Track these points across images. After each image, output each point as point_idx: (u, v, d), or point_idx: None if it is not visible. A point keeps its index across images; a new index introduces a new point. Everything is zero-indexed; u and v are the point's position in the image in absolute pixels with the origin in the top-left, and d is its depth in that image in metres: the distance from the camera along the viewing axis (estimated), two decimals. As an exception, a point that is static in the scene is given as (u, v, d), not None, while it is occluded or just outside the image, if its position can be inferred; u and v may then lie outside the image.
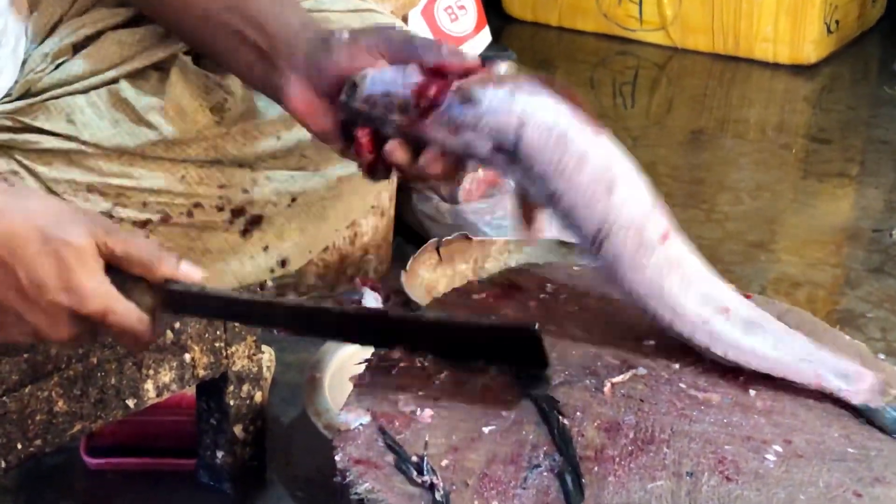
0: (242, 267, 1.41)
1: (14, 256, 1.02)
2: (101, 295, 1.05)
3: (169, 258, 1.08)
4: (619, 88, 3.48)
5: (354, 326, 1.13)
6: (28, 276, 1.02)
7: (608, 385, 1.13)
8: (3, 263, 1.02)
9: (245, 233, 1.40)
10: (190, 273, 1.09)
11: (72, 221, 1.05)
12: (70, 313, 1.04)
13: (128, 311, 1.06)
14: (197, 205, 1.36)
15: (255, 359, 1.67)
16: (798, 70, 3.51)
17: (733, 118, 3.29)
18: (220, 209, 1.37)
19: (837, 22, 3.59)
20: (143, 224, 1.34)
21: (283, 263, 1.42)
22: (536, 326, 1.07)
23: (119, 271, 1.07)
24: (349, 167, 1.38)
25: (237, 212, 1.38)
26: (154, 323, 1.08)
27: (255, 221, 1.40)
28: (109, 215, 1.32)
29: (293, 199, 1.39)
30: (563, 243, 1.67)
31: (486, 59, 1.09)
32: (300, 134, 1.35)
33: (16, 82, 1.33)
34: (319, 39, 1.16)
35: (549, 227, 1.15)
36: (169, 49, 1.36)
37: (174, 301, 1.09)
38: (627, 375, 1.14)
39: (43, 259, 1.02)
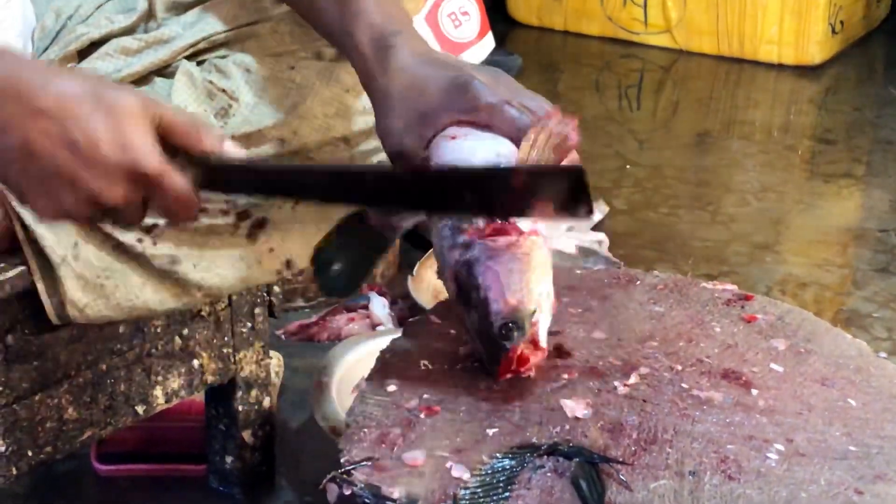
0: (250, 270, 1.42)
1: (68, 114, 1.00)
2: (157, 155, 1.02)
3: (214, 131, 1.06)
4: (624, 91, 3.49)
5: (394, 186, 1.11)
6: (83, 134, 1.00)
7: (620, 387, 1.14)
8: (58, 122, 1.00)
9: (251, 236, 1.41)
10: (231, 151, 1.07)
11: (122, 87, 1.04)
12: (125, 172, 1.01)
13: (178, 176, 1.04)
14: (202, 209, 1.37)
15: (264, 364, 1.68)
16: (803, 71, 3.51)
17: (739, 120, 3.29)
18: (226, 213, 1.38)
19: (842, 23, 3.59)
20: (150, 229, 1.34)
21: (288, 264, 1.43)
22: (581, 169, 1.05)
23: (161, 142, 1.04)
24: None
25: (242, 215, 1.39)
26: (198, 195, 1.06)
27: (260, 225, 1.41)
28: None
29: (297, 202, 1.40)
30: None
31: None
32: (304, 137, 1.37)
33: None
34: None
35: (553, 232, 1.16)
36: (172, 55, 1.37)
37: (214, 174, 1.06)
38: (633, 378, 1.16)
39: (97, 116, 1.00)
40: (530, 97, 1.18)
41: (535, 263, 1.10)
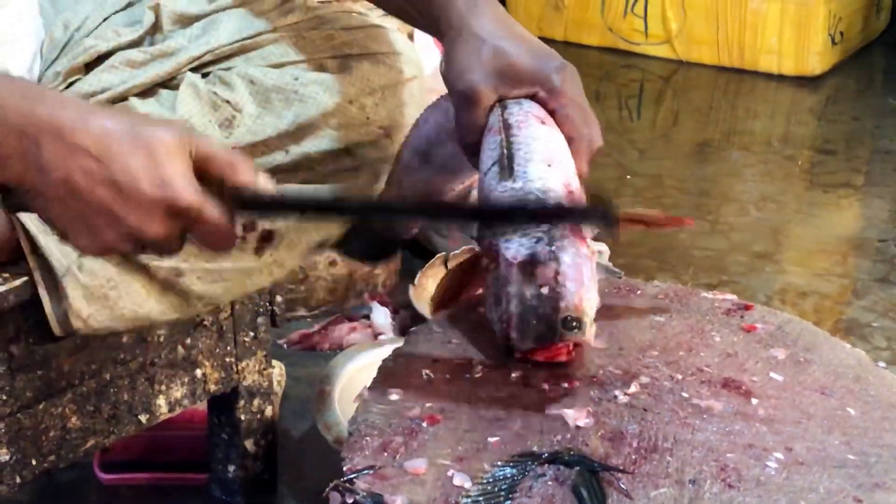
0: (251, 279, 1.43)
1: (108, 152, 1.01)
2: (195, 190, 1.04)
3: (249, 164, 1.07)
4: (624, 101, 3.50)
5: (426, 215, 1.17)
6: (122, 171, 1.01)
7: (620, 396, 1.15)
8: (98, 159, 1.01)
9: (258, 251, 1.41)
10: (264, 183, 1.08)
11: (159, 122, 1.06)
12: (164, 207, 1.03)
13: (216, 209, 1.05)
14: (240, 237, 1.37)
15: (266, 373, 1.69)
16: (803, 81, 3.52)
17: (738, 130, 3.30)
18: (233, 225, 1.38)
19: (842, 33, 3.60)
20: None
21: (290, 273, 1.44)
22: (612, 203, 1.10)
23: (198, 174, 1.06)
24: (353, 180, 1.41)
25: (248, 227, 1.39)
26: (235, 225, 1.07)
27: (267, 238, 1.41)
28: None
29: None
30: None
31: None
32: (308, 147, 1.38)
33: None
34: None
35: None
36: (178, 67, 1.38)
37: (248, 205, 1.08)
38: (634, 387, 1.16)
39: (135, 153, 1.01)
40: (588, 106, 1.25)
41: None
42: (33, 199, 1.03)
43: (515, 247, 1.13)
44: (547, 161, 1.18)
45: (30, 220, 1.28)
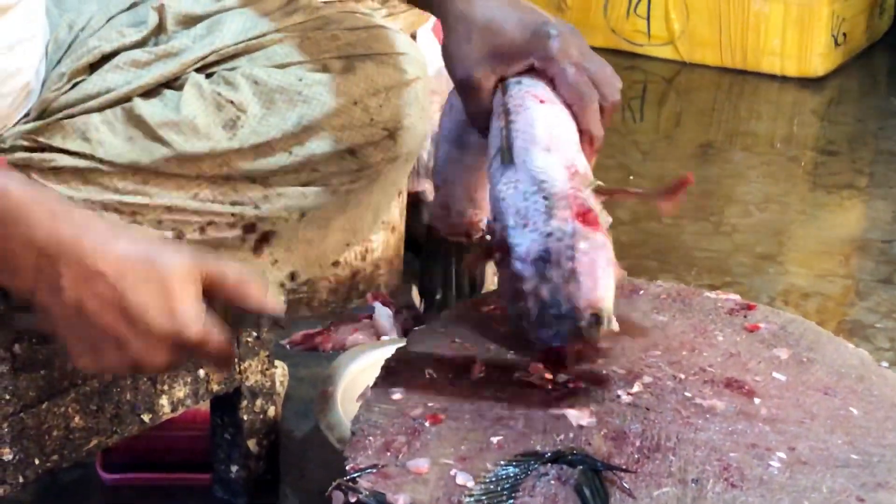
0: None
1: (123, 280, 1.03)
2: (201, 322, 1.05)
3: (259, 286, 1.09)
4: (627, 103, 3.50)
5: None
6: (134, 300, 1.03)
7: (623, 396, 1.15)
8: (112, 286, 1.03)
9: (256, 250, 1.41)
10: (275, 306, 1.10)
11: (174, 249, 1.08)
12: (171, 340, 1.05)
13: (221, 337, 1.07)
14: (210, 222, 1.38)
15: (269, 374, 1.69)
16: (806, 83, 3.52)
17: (741, 131, 3.30)
18: (233, 226, 1.39)
19: (845, 34, 3.60)
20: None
21: (292, 277, 1.44)
22: None
23: (206, 297, 1.07)
24: (357, 181, 1.41)
25: (249, 228, 1.40)
26: (235, 347, 1.09)
27: (266, 238, 1.42)
28: None
29: (302, 215, 1.41)
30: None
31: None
32: (311, 148, 1.38)
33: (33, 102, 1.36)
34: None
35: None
36: (182, 67, 1.38)
37: (247, 322, 1.10)
38: (637, 387, 1.16)
39: (149, 285, 1.03)
40: (597, 63, 1.23)
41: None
42: (41, 312, 1.05)
43: (527, 242, 1.11)
44: (546, 146, 1.16)
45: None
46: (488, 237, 1.17)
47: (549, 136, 1.17)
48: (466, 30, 1.22)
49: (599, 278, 1.10)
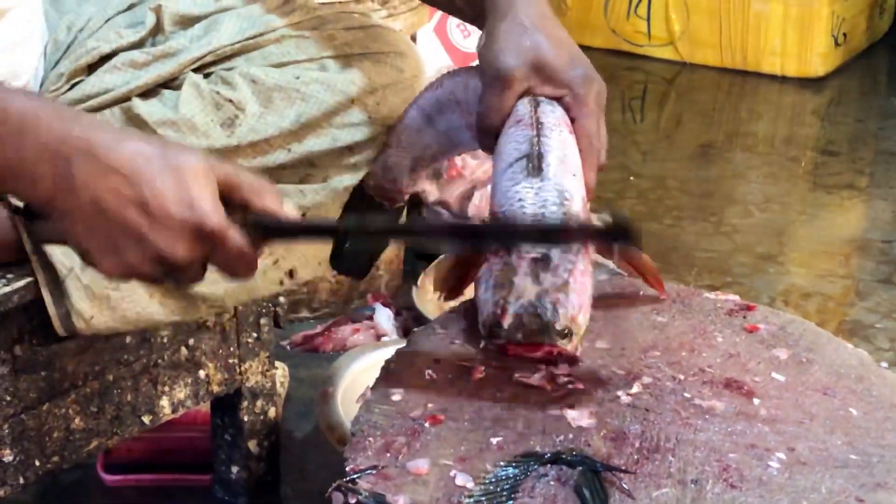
0: (255, 282, 1.43)
1: (139, 173, 1.02)
2: (221, 214, 1.05)
3: (275, 191, 1.08)
4: (628, 103, 3.50)
5: (446, 235, 1.20)
6: (151, 191, 1.02)
7: (623, 397, 1.15)
8: (129, 180, 1.02)
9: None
10: (290, 213, 1.10)
11: (187, 148, 1.08)
12: (191, 230, 1.04)
13: (239, 234, 1.06)
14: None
15: (269, 375, 1.69)
16: (806, 83, 3.52)
17: (742, 132, 3.30)
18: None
19: (845, 35, 3.60)
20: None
21: (291, 274, 1.44)
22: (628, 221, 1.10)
23: (223, 201, 1.07)
24: (354, 178, 1.41)
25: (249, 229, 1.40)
26: (257, 252, 1.08)
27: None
28: None
29: (302, 215, 1.41)
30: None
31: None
32: (309, 146, 1.38)
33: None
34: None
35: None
36: (180, 67, 1.38)
37: (272, 232, 1.09)
38: (636, 387, 1.16)
39: (165, 175, 1.02)
40: (602, 125, 1.27)
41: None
42: (60, 219, 1.04)
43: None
44: (573, 172, 1.21)
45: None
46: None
47: (576, 165, 1.22)
48: (519, 31, 1.25)
49: (585, 300, 1.15)
